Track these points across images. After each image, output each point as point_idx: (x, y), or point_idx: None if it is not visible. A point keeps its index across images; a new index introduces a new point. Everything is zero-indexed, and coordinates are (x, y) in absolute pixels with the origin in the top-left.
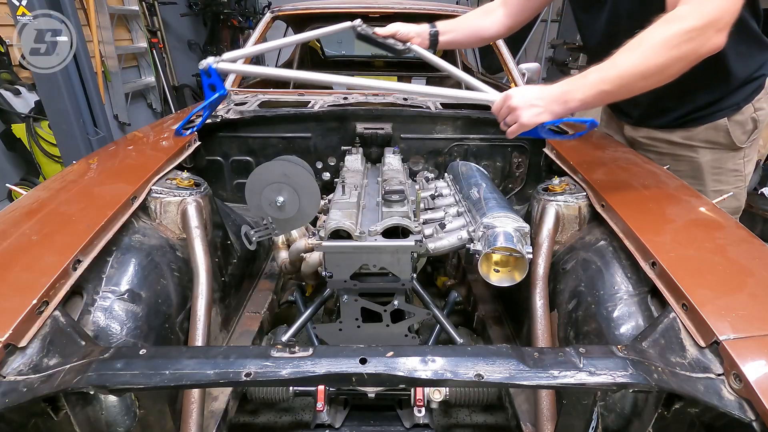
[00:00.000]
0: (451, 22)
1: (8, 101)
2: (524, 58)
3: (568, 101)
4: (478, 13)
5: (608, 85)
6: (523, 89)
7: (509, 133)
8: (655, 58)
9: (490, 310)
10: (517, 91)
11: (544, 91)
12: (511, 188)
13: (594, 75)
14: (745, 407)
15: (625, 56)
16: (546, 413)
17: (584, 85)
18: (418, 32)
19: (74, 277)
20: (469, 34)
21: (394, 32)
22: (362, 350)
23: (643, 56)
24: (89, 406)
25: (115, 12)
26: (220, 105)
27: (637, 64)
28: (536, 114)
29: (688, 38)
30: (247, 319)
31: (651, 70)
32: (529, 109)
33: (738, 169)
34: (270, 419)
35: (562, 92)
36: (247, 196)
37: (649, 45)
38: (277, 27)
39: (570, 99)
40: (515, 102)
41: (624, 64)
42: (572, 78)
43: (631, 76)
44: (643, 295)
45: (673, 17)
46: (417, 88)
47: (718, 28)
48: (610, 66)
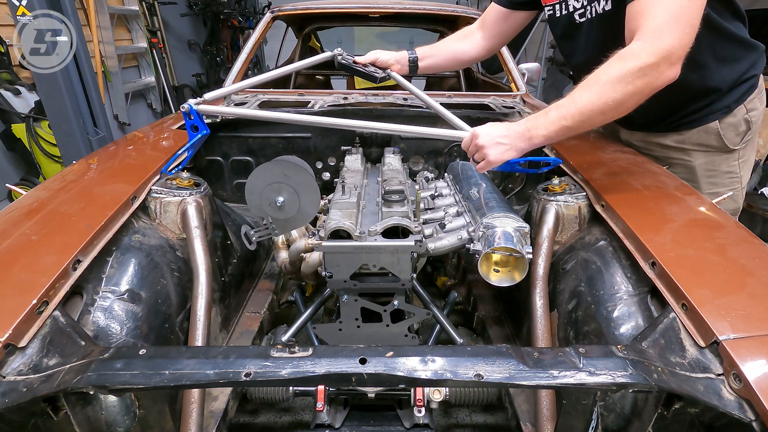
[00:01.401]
0: (431, 47)
1: (8, 101)
2: (524, 58)
3: (533, 137)
4: (457, 38)
5: (569, 121)
6: (490, 127)
7: (478, 168)
8: (612, 94)
9: (490, 310)
10: (483, 130)
11: (510, 128)
12: (511, 188)
13: (554, 112)
14: (745, 407)
15: (583, 93)
16: (546, 413)
17: (546, 122)
18: (397, 59)
19: (74, 277)
20: (448, 58)
21: (373, 59)
22: (362, 350)
23: (599, 93)
24: (89, 406)
25: (115, 12)
26: (221, 105)
27: (594, 101)
28: (502, 152)
29: (641, 74)
30: (247, 319)
31: (608, 106)
32: (495, 147)
33: (732, 171)
34: (270, 419)
35: (526, 129)
36: (247, 196)
37: (605, 82)
38: (277, 27)
39: (534, 135)
40: (482, 141)
41: (582, 101)
42: (535, 115)
43: (590, 112)
44: (643, 295)
45: (627, 54)
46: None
47: (670, 62)
48: (569, 103)
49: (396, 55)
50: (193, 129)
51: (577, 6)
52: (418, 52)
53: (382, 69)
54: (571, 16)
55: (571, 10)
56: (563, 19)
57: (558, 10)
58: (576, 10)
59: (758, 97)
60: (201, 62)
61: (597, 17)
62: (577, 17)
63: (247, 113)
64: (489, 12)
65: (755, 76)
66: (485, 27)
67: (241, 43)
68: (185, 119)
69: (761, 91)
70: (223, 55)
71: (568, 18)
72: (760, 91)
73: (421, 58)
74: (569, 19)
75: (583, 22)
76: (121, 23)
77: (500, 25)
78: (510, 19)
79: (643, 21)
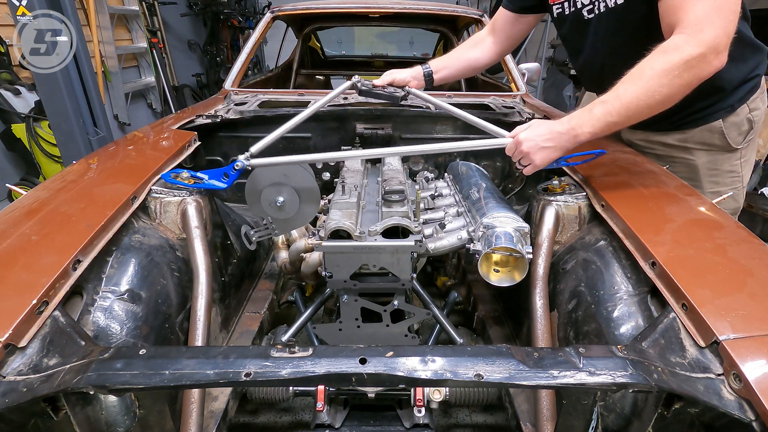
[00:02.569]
0: (443, 59)
1: (8, 101)
2: (524, 58)
3: (578, 135)
4: (468, 46)
5: (615, 117)
6: (532, 131)
7: (525, 172)
8: (659, 88)
9: (490, 310)
10: (526, 135)
11: (552, 129)
12: (511, 188)
13: (599, 108)
14: (745, 407)
15: (628, 88)
16: (546, 413)
17: (591, 118)
18: (413, 75)
19: (74, 277)
20: (462, 67)
21: (391, 80)
22: (362, 350)
23: (646, 87)
24: (89, 406)
25: (115, 12)
26: (221, 105)
27: (639, 96)
28: (548, 155)
29: (688, 66)
30: (247, 319)
31: (655, 99)
32: (541, 152)
33: (734, 170)
34: (270, 419)
35: (570, 128)
36: (247, 196)
37: (650, 76)
38: (277, 27)
39: (579, 133)
40: (526, 147)
41: (627, 96)
42: (577, 112)
43: (636, 107)
44: (643, 295)
45: (671, 47)
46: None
47: (717, 51)
48: (614, 98)
49: (411, 72)
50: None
51: (586, 2)
52: (432, 65)
53: (401, 88)
54: (579, 12)
55: (579, 6)
56: (571, 17)
57: (567, 8)
58: (584, 6)
59: (760, 97)
60: (201, 62)
61: (606, 12)
62: (586, 13)
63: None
64: (498, 17)
65: (758, 76)
66: (495, 32)
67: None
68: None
69: (763, 91)
70: (223, 55)
71: (577, 15)
72: (763, 91)
73: (436, 70)
74: (577, 16)
75: (591, 18)
76: (121, 23)
77: (510, 29)
78: (519, 23)
79: (683, 14)
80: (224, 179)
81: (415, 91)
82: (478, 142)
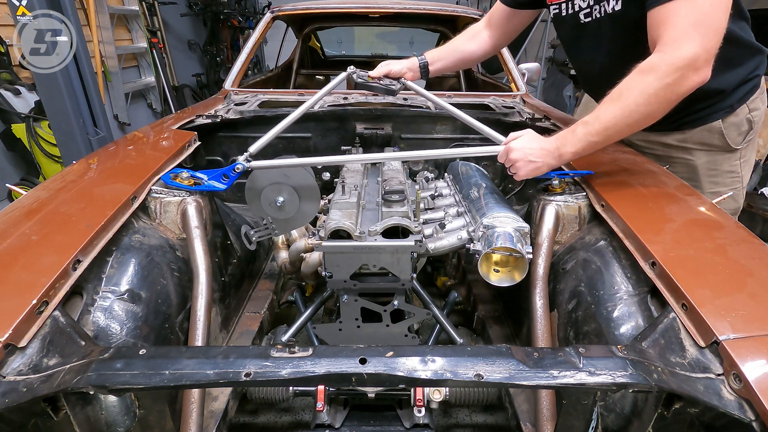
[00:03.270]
0: (439, 50)
1: (8, 101)
2: (524, 58)
3: (562, 155)
4: (464, 39)
5: (595, 137)
6: (523, 142)
7: (515, 178)
8: (636, 108)
9: (490, 310)
10: (517, 144)
11: (543, 145)
12: (511, 188)
13: (581, 129)
14: (745, 407)
15: (607, 109)
16: (546, 413)
17: (574, 139)
18: (409, 66)
19: (74, 277)
20: (457, 59)
21: (386, 71)
22: (362, 350)
23: (624, 108)
24: (89, 406)
25: (115, 12)
26: (221, 105)
27: (618, 116)
28: (534, 169)
29: (665, 85)
30: (247, 319)
31: (634, 119)
32: (527, 165)
33: (734, 171)
34: (270, 419)
35: (555, 147)
36: (247, 196)
37: (627, 97)
38: (277, 27)
39: (563, 153)
40: (514, 156)
41: (607, 117)
42: (563, 133)
43: (616, 127)
44: (643, 295)
45: (647, 67)
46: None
47: (695, 68)
48: (594, 119)
49: (407, 63)
50: (224, 177)
51: (583, 6)
52: (428, 56)
53: (396, 80)
54: (576, 15)
55: (576, 9)
56: (568, 19)
57: (564, 10)
58: (581, 9)
59: (760, 97)
60: (201, 62)
61: (606, 17)
62: (582, 17)
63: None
64: (495, 11)
65: (758, 77)
66: (492, 26)
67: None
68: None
69: (763, 91)
70: (223, 55)
71: (574, 18)
72: (762, 91)
73: (431, 62)
74: (574, 19)
75: (588, 22)
76: (121, 23)
77: (506, 24)
78: (516, 18)
79: (663, 31)
80: (224, 180)
81: (411, 84)
82: (471, 149)
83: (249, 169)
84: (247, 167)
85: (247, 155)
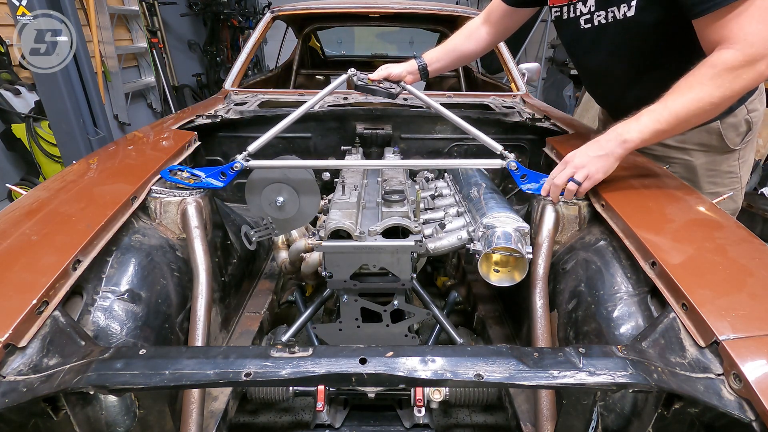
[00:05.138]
0: (437, 50)
1: (8, 101)
2: (524, 58)
3: (627, 141)
4: (462, 37)
5: (663, 125)
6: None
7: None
8: (710, 99)
9: (490, 310)
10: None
11: (599, 141)
12: (511, 188)
13: (646, 117)
14: (745, 407)
15: (676, 98)
16: (546, 413)
17: (639, 125)
18: (408, 70)
19: (74, 277)
20: (455, 58)
21: (387, 74)
22: (362, 350)
23: (695, 98)
24: (89, 406)
25: (115, 12)
26: (221, 105)
27: (688, 105)
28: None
29: (738, 78)
30: (247, 319)
31: (704, 109)
32: (596, 162)
33: (733, 171)
34: (270, 419)
35: (617, 134)
36: (247, 196)
37: (702, 90)
38: (277, 27)
39: (628, 139)
40: (579, 161)
41: (676, 106)
42: (625, 121)
43: (686, 116)
44: (643, 295)
45: (719, 61)
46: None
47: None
48: (662, 108)
49: (406, 66)
50: (221, 175)
51: (584, 11)
52: (426, 57)
53: (396, 83)
54: (576, 20)
55: (578, 14)
56: (570, 23)
57: (566, 13)
58: (582, 15)
59: (758, 98)
60: (201, 62)
61: (613, 22)
62: (583, 22)
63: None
64: (493, 9)
65: None
66: (490, 23)
67: (241, 43)
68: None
69: (761, 92)
70: (223, 55)
71: (574, 22)
72: (761, 92)
73: (430, 63)
74: (575, 23)
75: (587, 28)
76: (121, 23)
77: (505, 21)
78: (515, 15)
79: (728, 31)
80: (222, 178)
81: (410, 88)
82: (475, 162)
83: (247, 168)
84: (245, 166)
85: (246, 154)
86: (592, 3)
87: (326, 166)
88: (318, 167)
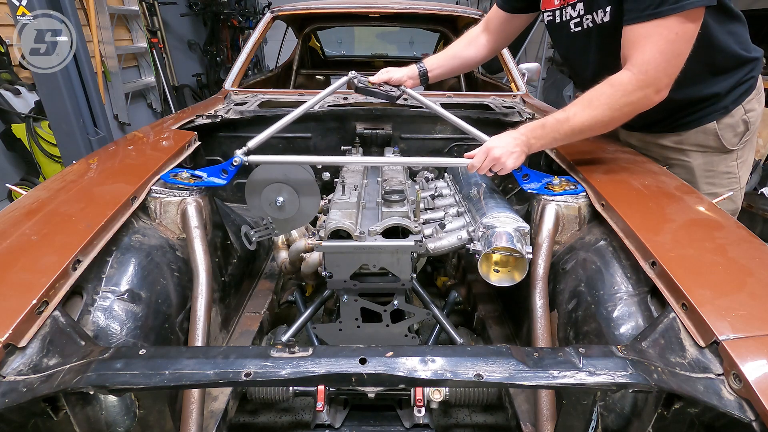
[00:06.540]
0: (438, 57)
1: (8, 101)
2: (524, 58)
3: (531, 145)
4: (462, 44)
5: (560, 136)
6: (499, 140)
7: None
8: (602, 117)
9: (490, 310)
10: (495, 143)
11: (515, 137)
12: (511, 188)
13: (550, 126)
14: (745, 407)
15: (577, 113)
16: (546, 413)
17: (543, 132)
18: (409, 75)
19: (74, 277)
20: (456, 65)
21: (387, 78)
22: (362, 350)
23: (590, 116)
24: (89, 406)
25: (115, 12)
26: (221, 105)
27: (586, 123)
28: (516, 159)
29: (628, 101)
30: (247, 319)
31: (597, 126)
32: (509, 156)
33: (731, 172)
34: (270, 419)
35: (526, 138)
36: (247, 196)
37: (597, 107)
38: (277, 27)
39: (532, 144)
40: (497, 152)
41: (576, 122)
42: (533, 125)
43: (581, 131)
44: (643, 295)
45: (617, 82)
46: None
47: (657, 90)
48: (564, 120)
49: (407, 71)
50: (222, 172)
51: (574, 15)
52: (426, 63)
53: (396, 87)
54: (567, 24)
55: (567, 18)
56: (561, 26)
57: (558, 17)
58: (572, 19)
59: (756, 98)
60: (201, 62)
61: (595, 27)
62: (573, 26)
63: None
64: (492, 16)
65: (753, 78)
66: (489, 31)
67: (241, 43)
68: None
69: (760, 92)
70: (223, 55)
71: (565, 26)
72: (759, 92)
73: (430, 69)
74: (566, 27)
75: (578, 31)
76: (121, 23)
77: (504, 28)
78: (513, 22)
79: (634, 52)
80: (223, 175)
81: (410, 91)
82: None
83: (246, 163)
84: (245, 161)
85: (245, 150)
86: (581, 7)
87: (325, 161)
88: (316, 162)
